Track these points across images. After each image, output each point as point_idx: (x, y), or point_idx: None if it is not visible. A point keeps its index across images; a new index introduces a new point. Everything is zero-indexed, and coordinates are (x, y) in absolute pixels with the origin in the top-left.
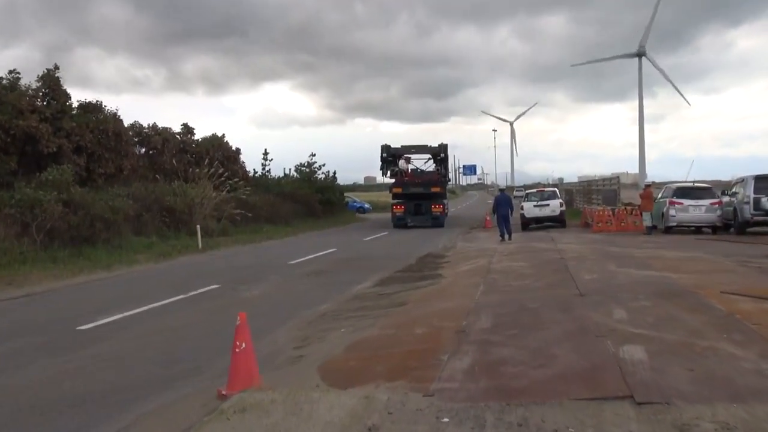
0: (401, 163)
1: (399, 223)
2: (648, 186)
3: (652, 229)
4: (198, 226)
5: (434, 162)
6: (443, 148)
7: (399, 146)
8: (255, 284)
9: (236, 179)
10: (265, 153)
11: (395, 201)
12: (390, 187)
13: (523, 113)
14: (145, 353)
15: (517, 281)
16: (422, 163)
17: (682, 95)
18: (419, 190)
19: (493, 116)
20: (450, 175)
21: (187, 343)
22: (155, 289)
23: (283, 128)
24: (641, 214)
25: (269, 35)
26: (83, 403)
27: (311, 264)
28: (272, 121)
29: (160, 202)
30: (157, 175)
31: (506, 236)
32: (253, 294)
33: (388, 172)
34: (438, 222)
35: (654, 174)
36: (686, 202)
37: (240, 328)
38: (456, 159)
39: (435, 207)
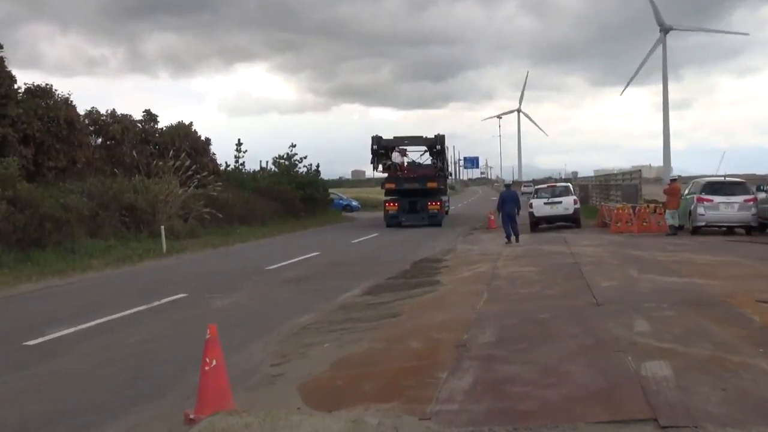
0: (395, 155)
1: (392, 222)
2: (674, 180)
3: (678, 230)
4: (162, 227)
5: (430, 155)
6: (440, 139)
7: (391, 137)
8: (227, 293)
9: (205, 173)
10: (239, 144)
11: (388, 198)
12: (382, 182)
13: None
14: (101, 372)
15: (525, 289)
16: (418, 155)
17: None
18: (414, 186)
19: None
20: (450, 169)
21: (150, 360)
22: (113, 298)
23: (259, 115)
24: (665, 213)
25: (243, 9)
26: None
27: (291, 269)
28: (247, 108)
29: (119, 199)
30: (115, 169)
31: (513, 238)
32: (224, 304)
33: (380, 166)
34: (435, 221)
35: (680, 167)
36: (716, 199)
37: (210, 342)
38: (455, 150)
39: (432, 204)
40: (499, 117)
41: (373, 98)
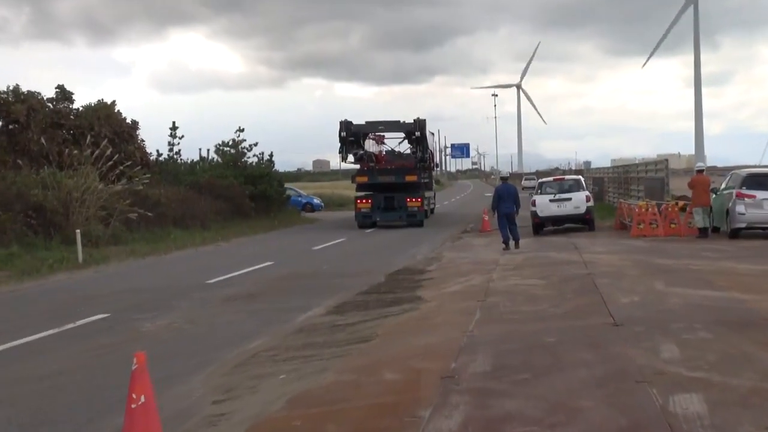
0: (370, 143)
1: (365, 222)
2: (700, 171)
3: (709, 231)
4: (78, 232)
5: (409, 143)
6: (420, 124)
7: (363, 122)
8: (159, 313)
9: (130, 163)
10: (174, 128)
11: (359, 194)
12: (352, 175)
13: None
14: None
15: (528, 306)
16: (396, 143)
17: None
18: (391, 179)
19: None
20: (436, 160)
21: (62, 397)
22: (17, 320)
23: (199, 92)
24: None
25: None
26: None
27: (238, 284)
28: (183, 83)
29: (24, 197)
30: (19, 160)
31: (511, 243)
32: (156, 327)
33: (350, 156)
34: (415, 221)
35: (716, 155)
36: (760, 194)
37: (137, 373)
38: (441, 135)
39: (411, 200)
40: (494, 95)
41: (339, 71)
